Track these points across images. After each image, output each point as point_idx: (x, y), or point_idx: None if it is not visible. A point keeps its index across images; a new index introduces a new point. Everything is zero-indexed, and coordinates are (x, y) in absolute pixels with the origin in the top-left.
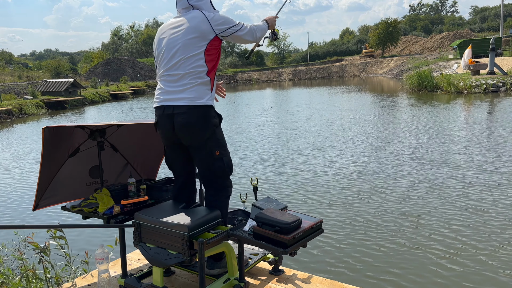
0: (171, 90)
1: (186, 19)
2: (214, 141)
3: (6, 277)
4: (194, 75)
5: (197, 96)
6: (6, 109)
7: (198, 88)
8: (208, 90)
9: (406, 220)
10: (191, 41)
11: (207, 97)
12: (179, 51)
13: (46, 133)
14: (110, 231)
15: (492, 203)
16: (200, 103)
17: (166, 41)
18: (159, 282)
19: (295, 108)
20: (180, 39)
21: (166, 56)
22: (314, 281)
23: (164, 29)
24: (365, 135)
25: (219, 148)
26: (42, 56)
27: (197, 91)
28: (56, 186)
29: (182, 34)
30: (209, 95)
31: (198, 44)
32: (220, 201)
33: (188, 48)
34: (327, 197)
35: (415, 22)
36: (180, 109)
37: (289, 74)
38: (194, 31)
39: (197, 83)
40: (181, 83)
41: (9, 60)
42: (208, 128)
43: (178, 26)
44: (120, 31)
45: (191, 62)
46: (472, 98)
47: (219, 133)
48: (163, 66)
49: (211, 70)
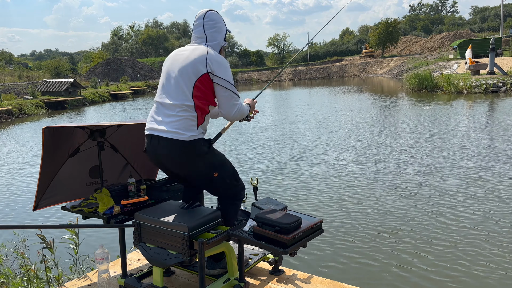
0: (159, 120)
1: (192, 49)
2: (207, 167)
3: (6, 277)
4: (181, 108)
5: (181, 131)
6: (6, 109)
7: (183, 122)
8: (194, 126)
9: (406, 220)
10: (185, 73)
11: (191, 134)
12: (173, 80)
13: (46, 133)
14: (110, 231)
15: (497, 206)
16: (182, 138)
17: (168, 66)
18: (159, 282)
19: (295, 108)
20: (177, 68)
21: (164, 81)
22: (314, 281)
23: (174, 53)
24: (366, 135)
25: (216, 169)
26: (42, 56)
27: (182, 125)
28: (56, 186)
29: (180, 63)
30: (194, 131)
31: (190, 78)
32: (235, 206)
33: (180, 80)
34: (327, 197)
35: (415, 22)
36: (164, 142)
37: (289, 74)
38: (190, 63)
39: (183, 117)
40: (170, 113)
41: (9, 60)
42: (194, 162)
43: (182, 54)
44: (120, 31)
45: (180, 94)
46: (472, 98)
47: (211, 156)
48: (159, 90)
49: (199, 106)
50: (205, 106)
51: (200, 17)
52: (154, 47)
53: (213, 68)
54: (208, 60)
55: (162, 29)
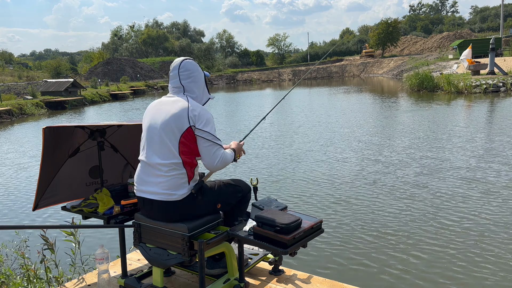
0: (148, 181)
1: (171, 103)
2: (208, 206)
3: (6, 276)
4: (169, 167)
5: (173, 191)
6: (6, 109)
7: (174, 181)
8: (185, 183)
9: (406, 220)
10: (168, 129)
11: (183, 192)
12: (157, 137)
13: (47, 133)
14: (110, 231)
15: (493, 205)
16: (174, 199)
17: (150, 121)
18: (159, 283)
19: (295, 108)
20: (159, 124)
21: (147, 138)
22: (314, 281)
23: (153, 107)
24: (366, 136)
25: (216, 203)
26: (42, 56)
27: (173, 185)
28: (56, 186)
29: (162, 118)
30: (185, 188)
31: (174, 134)
32: (243, 207)
33: (164, 136)
34: (327, 197)
35: (415, 22)
36: (157, 204)
37: (289, 74)
38: (173, 118)
39: (173, 176)
40: (158, 173)
41: (9, 60)
42: (193, 211)
43: (162, 109)
44: (120, 31)
45: (167, 152)
46: (472, 98)
47: (207, 198)
48: (144, 147)
49: (187, 162)
50: (192, 160)
51: (175, 67)
52: (154, 47)
53: (195, 120)
54: (190, 113)
55: (162, 29)
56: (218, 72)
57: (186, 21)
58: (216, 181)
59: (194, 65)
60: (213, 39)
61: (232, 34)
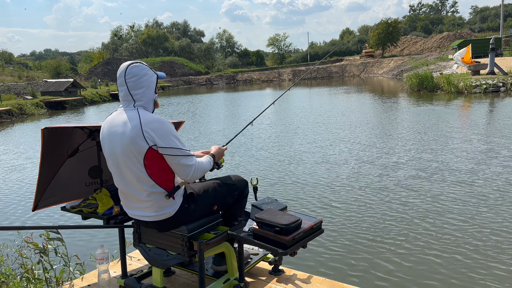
0: (132, 206)
1: (122, 123)
2: (203, 210)
3: (6, 276)
4: (146, 193)
5: (161, 211)
6: (6, 109)
7: (158, 203)
8: (171, 200)
9: (406, 220)
10: (129, 154)
11: (173, 208)
12: (121, 165)
13: (45, 133)
14: (110, 232)
15: (494, 204)
16: (167, 217)
17: (108, 148)
18: (159, 283)
19: (295, 108)
20: (119, 151)
21: (113, 168)
22: (314, 281)
23: (107, 130)
24: (366, 136)
25: (212, 204)
26: (42, 56)
27: (158, 206)
28: (56, 187)
29: (119, 144)
30: (174, 204)
31: (137, 159)
32: (241, 203)
33: (129, 162)
34: (327, 197)
35: (415, 22)
36: (152, 224)
37: (289, 74)
38: (129, 142)
39: (154, 199)
40: (140, 199)
41: (9, 60)
42: (190, 218)
43: (116, 133)
44: (120, 31)
45: (136, 179)
46: (472, 98)
47: (201, 201)
48: (114, 177)
49: (162, 182)
50: (166, 176)
51: (121, 74)
52: (154, 47)
53: (153, 139)
54: (145, 132)
55: (162, 29)
56: (218, 72)
57: (186, 21)
58: (210, 181)
59: (142, 69)
60: (213, 39)
61: (232, 34)
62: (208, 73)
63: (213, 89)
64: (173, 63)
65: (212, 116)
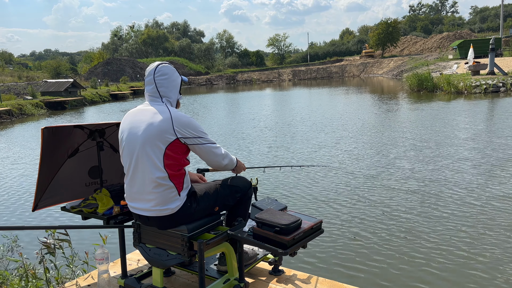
0: (137, 198)
1: (150, 114)
2: (204, 211)
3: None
4: (155, 184)
5: (165, 206)
6: (6, 109)
7: (164, 196)
8: (176, 196)
9: (406, 220)
10: (152, 143)
11: (176, 204)
12: (139, 151)
13: (45, 133)
14: (110, 232)
15: (496, 208)
16: (169, 213)
17: (129, 134)
18: (159, 283)
19: (295, 108)
20: (141, 138)
21: (128, 153)
22: (314, 281)
23: (132, 118)
24: (367, 136)
25: (214, 206)
26: (42, 56)
27: (163, 200)
28: (56, 187)
29: (143, 132)
30: (178, 200)
31: (159, 148)
32: (245, 204)
33: (149, 150)
34: (327, 197)
35: (415, 22)
36: (153, 219)
37: (289, 75)
38: (156, 132)
39: (161, 191)
40: (146, 190)
41: (9, 60)
42: (191, 218)
43: (140, 120)
44: (120, 31)
45: (151, 166)
46: (472, 98)
47: (203, 202)
48: (125, 161)
49: (173, 175)
50: (179, 171)
51: (151, 72)
52: (154, 47)
53: (183, 132)
54: (175, 126)
55: (162, 29)
56: (218, 72)
57: (186, 21)
58: (212, 182)
59: (171, 69)
60: (213, 39)
61: (232, 34)
62: (208, 73)
63: (213, 89)
64: (173, 63)
65: (212, 116)
